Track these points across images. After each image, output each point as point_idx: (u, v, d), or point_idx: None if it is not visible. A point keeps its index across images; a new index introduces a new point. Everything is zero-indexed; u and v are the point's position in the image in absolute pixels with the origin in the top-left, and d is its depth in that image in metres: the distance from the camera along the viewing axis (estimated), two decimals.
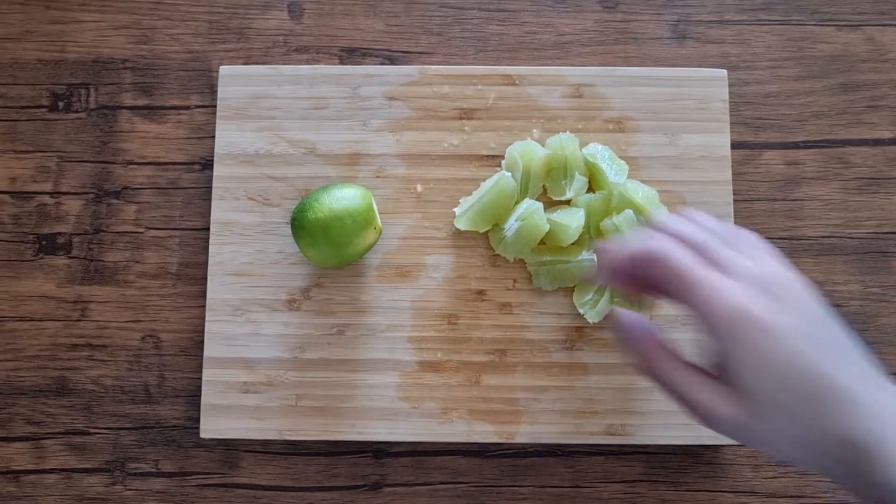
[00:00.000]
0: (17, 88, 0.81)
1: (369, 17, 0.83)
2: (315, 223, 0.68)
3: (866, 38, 0.81)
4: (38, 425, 0.76)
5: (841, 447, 0.46)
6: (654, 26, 0.82)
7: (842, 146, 0.79)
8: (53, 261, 0.78)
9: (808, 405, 0.47)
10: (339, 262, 0.71)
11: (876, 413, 0.46)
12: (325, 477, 0.75)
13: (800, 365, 0.47)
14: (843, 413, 0.46)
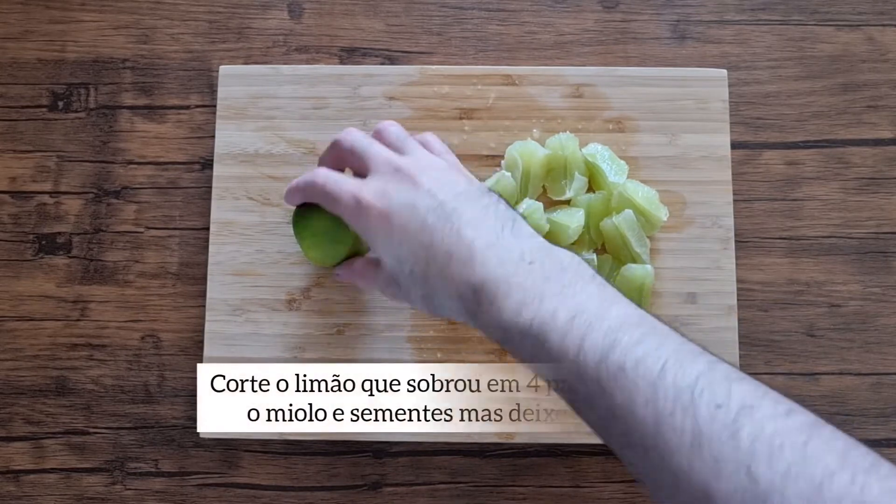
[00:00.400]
0: (16, 88, 0.81)
1: (369, 16, 0.83)
2: (317, 223, 0.67)
3: (866, 38, 0.81)
4: (38, 425, 0.76)
5: (462, 296, 0.54)
6: (654, 26, 0.82)
7: (842, 146, 0.79)
8: (53, 260, 0.78)
9: (428, 267, 0.55)
10: (340, 261, 0.70)
11: (489, 260, 0.53)
12: (324, 476, 0.75)
13: (411, 236, 0.56)
14: (460, 267, 0.53)
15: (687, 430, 0.43)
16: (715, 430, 0.42)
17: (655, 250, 0.75)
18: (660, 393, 0.45)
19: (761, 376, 0.73)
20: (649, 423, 0.44)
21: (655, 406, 0.45)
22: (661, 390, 0.45)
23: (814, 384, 0.76)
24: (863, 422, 0.75)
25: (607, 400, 0.46)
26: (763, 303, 0.77)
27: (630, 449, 0.46)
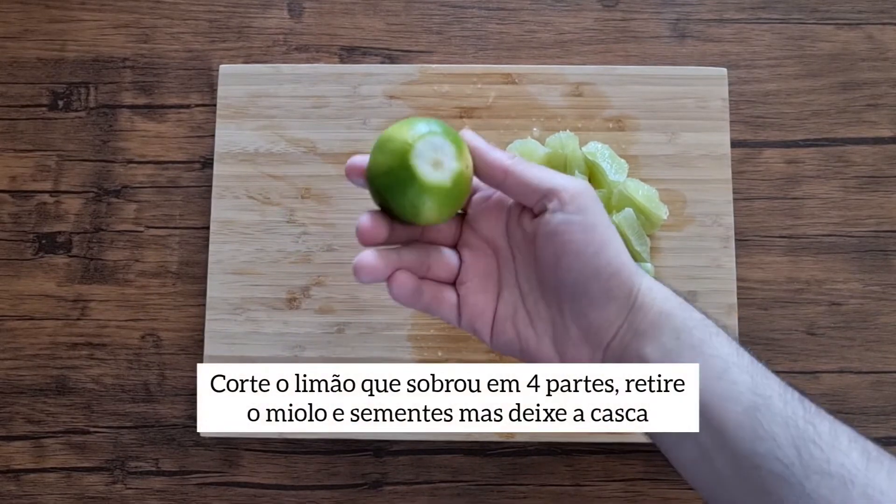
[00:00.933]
0: (16, 87, 0.81)
1: (369, 15, 0.83)
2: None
3: (866, 37, 0.81)
4: (38, 424, 0.76)
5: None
6: (653, 25, 0.82)
7: (841, 145, 0.79)
8: (53, 260, 0.78)
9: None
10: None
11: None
12: (325, 475, 0.75)
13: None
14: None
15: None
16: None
17: (656, 249, 0.75)
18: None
19: None
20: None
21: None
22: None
23: (814, 382, 0.76)
24: (863, 420, 0.75)
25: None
26: (763, 301, 0.77)
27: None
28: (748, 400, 0.46)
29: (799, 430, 0.45)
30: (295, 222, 0.76)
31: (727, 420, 0.46)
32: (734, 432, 0.45)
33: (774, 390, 0.47)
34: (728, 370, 0.47)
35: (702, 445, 0.47)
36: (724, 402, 0.46)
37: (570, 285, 0.50)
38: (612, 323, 0.51)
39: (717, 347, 0.48)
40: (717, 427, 0.46)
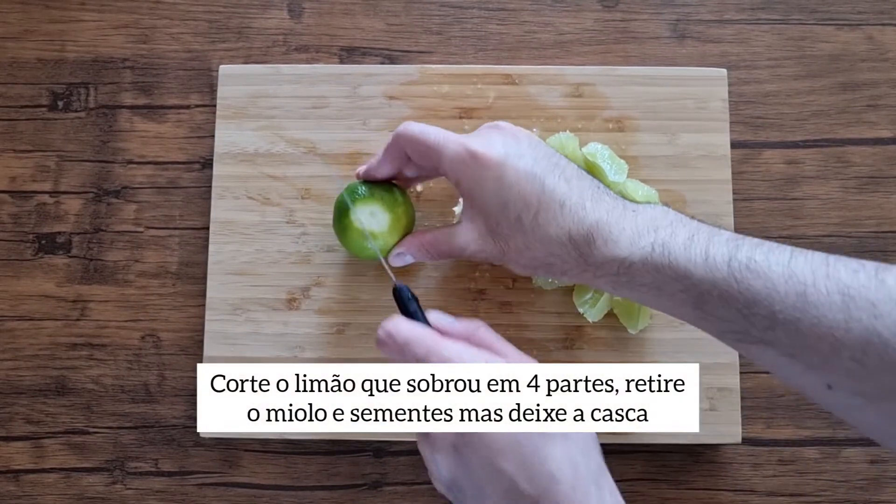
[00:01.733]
0: (16, 88, 0.81)
1: (369, 16, 0.83)
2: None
3: (866, 38, 0.81)
4: (38, 424, 0.76)
5: (572, 238, 0.56)
6: (653, 25, 0.82)
7: (841, 145, 0.79)
8: (53, 260, 0.78)
9: (538, 212, 0.57)
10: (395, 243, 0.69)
11: (598, 207, 0.56)
12: (324, 476, 0.75)
13: (522, 182, 0.57)
14: (572, 212, 0.56)
15: (833, 291, 0.46)
16: (861, 283, 0.46)
17: None
18: (796, 270, 0.48)
19: (761, 375, 0.74)
20: (792, 296, 0.48)
21: (796, 281, 0.48)
22: (797, 268, 0.49)
23: None
24: None
25: (745, 292, 0.50)
26: None
27: (774, 331, 0.49)
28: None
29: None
30: (295, 223, 0.76)
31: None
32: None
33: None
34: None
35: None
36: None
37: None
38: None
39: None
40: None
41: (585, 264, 0.57)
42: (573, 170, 0.59)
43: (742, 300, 0.50)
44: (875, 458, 0.75)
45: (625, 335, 0.73)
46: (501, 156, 0.58)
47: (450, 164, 0.60)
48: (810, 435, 0.75)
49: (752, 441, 0.75)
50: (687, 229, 0.54)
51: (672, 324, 0.74)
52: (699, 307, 0.53)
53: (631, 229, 0.55)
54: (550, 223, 0.57)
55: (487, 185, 0.58)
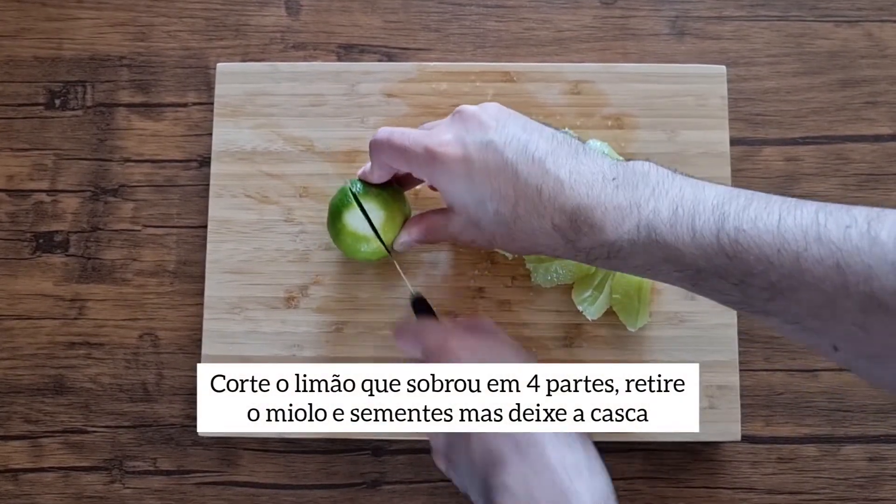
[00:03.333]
0: (13, 86, 0.81)
1: (367, 13, 0.82)
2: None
3: (865, 34, 0.81)
4: (36, 424, 0.76)
5: (557, 227, 0.55)
6: (652, 22, 0.82)
7: (841, 142, 0.79)
8: (51, 259, 0.78)
9: (517, 204, 0.56)
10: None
11: (577, 187, 0.54)
12: (323, 475, 0.75)
13: (493, 175, 0.56)
14: (551, 199, 0.54)
15: (826, 256, 0.45)
16: (854, 245, 0.45)
17: None
18: (787, 237, 0.47)
19: (760, 373, 0.74)
20: (787, 265, 0.47)
21: (788, 250, 0.47)
22: (788, 234, 0.47)
23: (813, 381, 0.76)
24: (862, 418, 0.75)
25: (737, 264, 0.48)
26: None
27: (774, 301, 0.48)
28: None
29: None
30: (293, 221, 0.75)
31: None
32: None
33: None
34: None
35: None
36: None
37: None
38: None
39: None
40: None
41: (575, 250, 0.56)
42: (545, 141, 0.57)
43: (737, 274, 0.49)
44: (874, 456, 0.75)
45: (624, 333, 0.73)
46: (463, 151, 0.57)
47: (417, 167, 0.60)
48: (809, 432, 0.75)
49: (752, 439, 0.75)
50: (669, 200, 0.52)
51: (671, 321, 0.74)
52: (696, 284, 0.52)
53: (613, 209, 0.53)
54: (531, 214, 0.55)
55: (457, 183, 0.58)
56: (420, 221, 0.66)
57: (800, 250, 0.46)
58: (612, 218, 0.53)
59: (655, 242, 0.52)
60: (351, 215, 0.67)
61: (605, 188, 0.54)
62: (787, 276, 0.47)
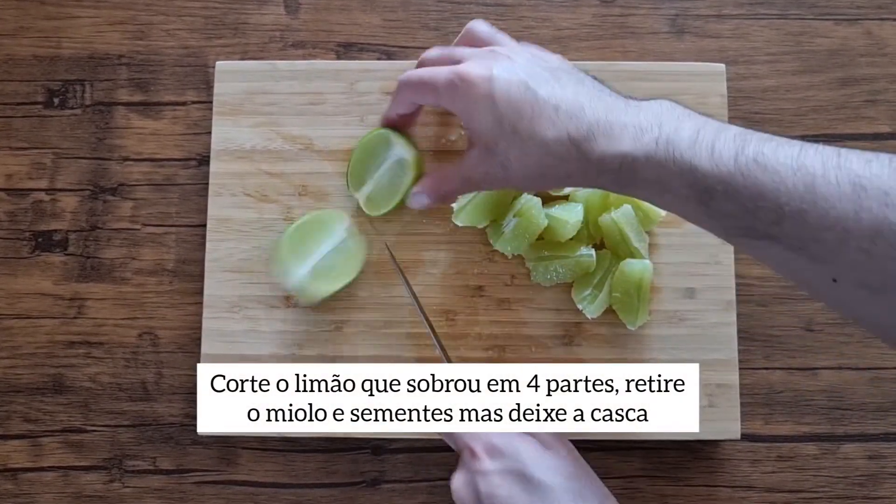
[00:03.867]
0: (12, 85, 0.81)
1: (366, 11, 0.82)
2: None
3: (864, 33, 0.81)
4: (36, 423, 0.76)
5: (571, 137, 0.55)
6: (651, 21, 0.82)
7: (840, 140, 0.79)
8: (50, 258, 0.78)
9: (532, 119, 0.57)
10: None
11: (597, 107, 0.56)
12: (323, 473, 0.75)
13: (514, 94, 0.58)
14: (568, 114, 0.56)
15: (844, 181, 0.45)
16: (874, 173, 0.45)
17: (654, 245, 0.75)
18: (806, 162, 0.47)
19: (760, 371, 0.74)
20: (801, 188, 0.47)
21: (805, 172, 0.47)
22: (807, 160, 0.47)
23: (812, 379, 0.76)
24: (861, 416, 0.75)
25: (751, 186, 0.49)
26: (762, 298, 0.77)
27: (781, 225, 0.48)
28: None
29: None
30: (292, 220, 0.75)
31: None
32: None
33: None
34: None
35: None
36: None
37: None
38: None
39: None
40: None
41: (587, 162, 0.56)
42: (573, 75, 0.60)
43: (748, 194, 0.49)
44: (873, 454, 0.75)
45: (624, 331, 0.73)
46: (490, 73, 0.59)
47: (444, 91, 0.61)
48: (809, 431, 0.75)
49: (751, 437, 0.75)
50: (693, 123, 0.53)
51: (671, 320, 0.74)
52: (704, 203, 0.52)
53: (633, 125, 0.54)
54: (547, 127, 0.57)
55: (480, 103, 0.59)
56: (432, 175, 0.67)
57: (816, 174, 0.47)
58: (630, 131, 0.54)
59: (672, 158, 0.52)
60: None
61: (627, 109, 0.56)
62: (798, 198, 0.47)
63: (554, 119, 0.56)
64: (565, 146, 0.56)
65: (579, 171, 0.57)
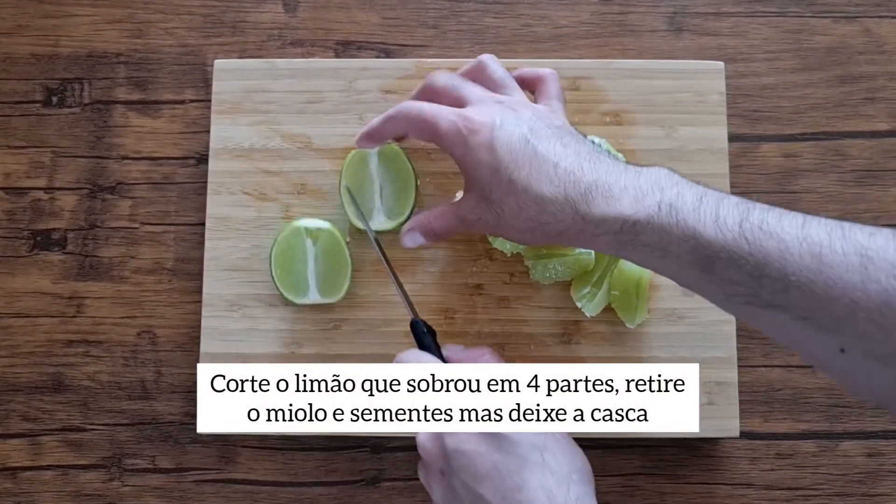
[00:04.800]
0: (10, 83, 0.81)
1: (364, 9, 0.82)
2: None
3: (863, 30, 0.81)
4: (35, 422, 0.76)
5: (568, 196, 0.55)
6: (650, 18, 0.82)
7: (839, 138, 0.79)
8: (48, 257, 0.78)
9: (531, 173, 0.57)
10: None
11: (598, 167, 0.56)
12: (322, 472, 0.75)
13: (514, 147, 0.58)
14: (568, 171, 0.56)
15: (850, 252, 0.46)
16: (879, 245, 0.46)
17: None
18: (811, 232, 0.48)
19: (759, 369, 0.74)
20: (807, 257, 0.47)
21: (811, 242, 0.48)
22: (811, 230, 0.48)
23: (811, 376, 0.76)
24: (860, 414, 0.75)
25: (756, 254, 0.49)
26: None
27: (787, 294, 0.48)
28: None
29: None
30: (291, 218, 0.75)
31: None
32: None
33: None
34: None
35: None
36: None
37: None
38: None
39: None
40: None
41: (583, 222, 0.56)
42: (575, 136, 0.60)
43: (753, 262, 0.49)
44: (872, 452, 0.75)
45: (623, 329, 0.73)
46: (493, 121, 0.59)
47: (444, 133, 0.61)
48: (808, 428, 0.75)
49: (750, 435, 0.75)
50: (694, 191, 0.54)
51: (670, 318, 0.74)
52: (707, 270, 0.52)
53: (634, 188, 0.54)
54: (544, 182, 0.56)
55: (479, 150, 0.59)
56: (424, 213, 0.67)
57: (822, 245, 0.47)
58: (631, 193, 0.54)
59: (675, 222, 0.52)
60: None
61: (626, 173, 0.56)
62: (805, 267, 0.47)
63: (552, 176, 0.56)
64: (561, 204, 0.56)
65: (574, 230, 0.57)
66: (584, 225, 0.56)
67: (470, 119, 0.60)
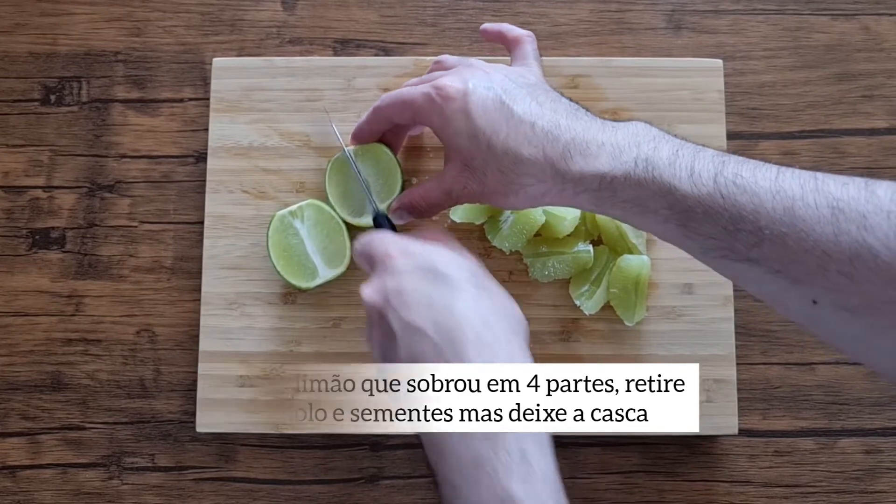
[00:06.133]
0: (8, 82, 0.81)
1: (363, 7, 0.82)
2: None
3: (861, 28, 0.81)
4: (34, 420, 0.76)
5: (547, 155, 0.56)
6: (649, 16, 0.82)
7: (837, 136, 0.79)
8: (47, 255, 0.78)
9: (508, 134, 0.57)
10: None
11: (574, 125, 0.57)
12: (321, 470, 0.75)
13: (490, 109, 0.58)
14: (544, 131, 0.57)
15: (822, 204, 0.46)
16: (851, 196, 0.46)
17: (652, 241, 0.75)
18: (784, 185, 0.48)
19: (757, 367, 0.74)
20: (780, 210, 0.48)
21: (784, 196, 0.48)
22: (785, 183, 0.48)
23: (810, 374, 0.76)
24: (858, 411, 0.75)
25: (731, 208, 0.49)
26: None
27: (761, 247, 0.49)
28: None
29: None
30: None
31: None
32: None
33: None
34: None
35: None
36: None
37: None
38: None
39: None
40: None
41: (563, 181, 0.56)
42: (550, 93, 0.61)
43: (727, 216, 0.50)
44: (870, 449, 0.75)
45: (621, 327, 0.73)
46: (465, 86, 0.60)
47: (421, 107, 0.62)
48: (806, 426, 0.75)
49: (749, 432, 0.75)
50: (671, 145, 0.54)
51: (668, 316, 0.74)
52: (683, 224, 0.52)
53: (611, 144, 0.55)
54: (522, 143, 0.57)
55: (455, 118, 0.59)
56: (410, 190, 0.68)
57: (795, 197, 0.47)
58: (608, 150, 0.55)
59: (651, 178, 0.53)
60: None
61: (604, 129, 0.57)
62: (777, 220, 0.48)
63: (530, 136, 0.57)
64: (541, 164, 0.57)
65: (556, 191, 0.57)
66: (564, 184, 0.57)
67: (442, 86, 0.60)
